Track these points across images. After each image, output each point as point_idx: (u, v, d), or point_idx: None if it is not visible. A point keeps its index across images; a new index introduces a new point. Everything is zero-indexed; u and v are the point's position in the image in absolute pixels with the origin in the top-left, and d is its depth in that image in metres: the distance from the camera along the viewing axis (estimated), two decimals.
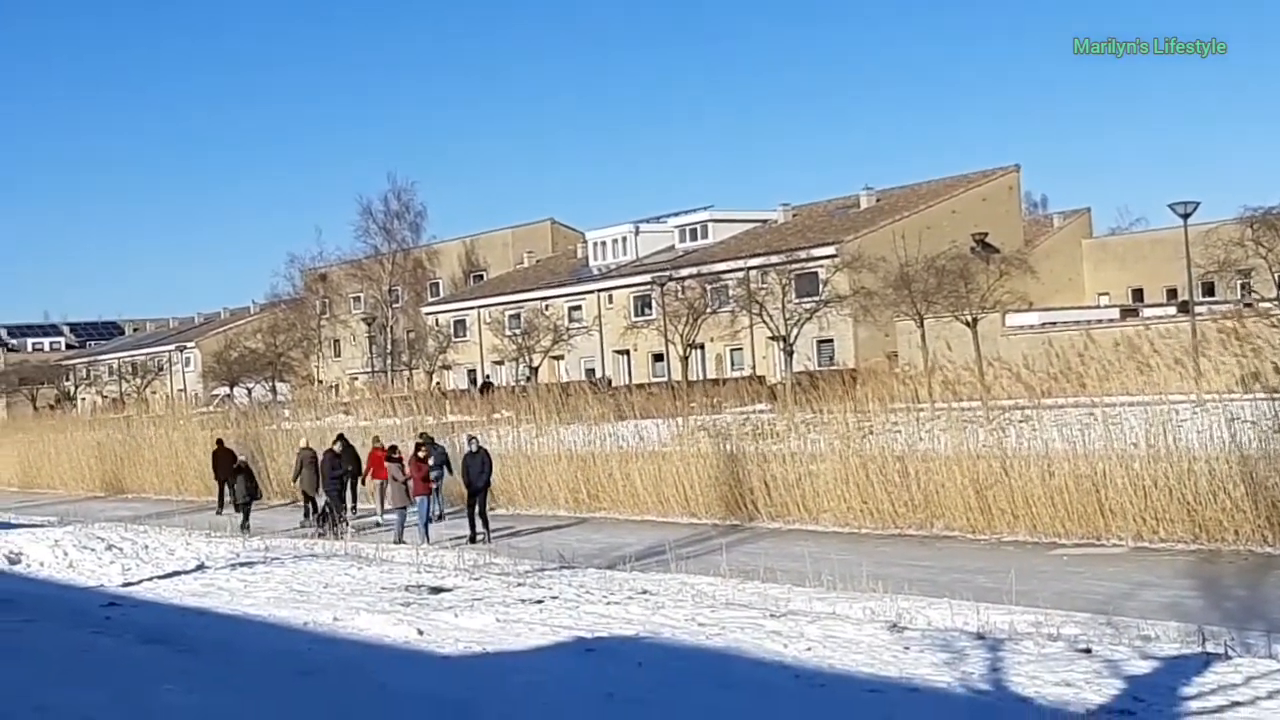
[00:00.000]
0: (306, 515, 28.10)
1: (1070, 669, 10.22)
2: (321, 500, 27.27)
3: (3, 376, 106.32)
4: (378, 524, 27.69)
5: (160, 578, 17.89)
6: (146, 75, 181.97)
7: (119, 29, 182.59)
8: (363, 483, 30.11)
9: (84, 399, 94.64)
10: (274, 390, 71.33)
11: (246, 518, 28.17)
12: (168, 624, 13.86)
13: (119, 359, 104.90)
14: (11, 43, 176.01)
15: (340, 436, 30.10)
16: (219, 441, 35.07)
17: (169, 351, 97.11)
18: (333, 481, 27.39)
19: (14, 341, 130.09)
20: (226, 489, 31.57)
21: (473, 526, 24.73)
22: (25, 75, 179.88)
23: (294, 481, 29.89)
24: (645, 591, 15.34)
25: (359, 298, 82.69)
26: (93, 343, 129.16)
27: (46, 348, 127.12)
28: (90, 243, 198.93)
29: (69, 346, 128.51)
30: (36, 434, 49.54)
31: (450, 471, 27.74)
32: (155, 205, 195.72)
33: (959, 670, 10.19)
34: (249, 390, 72.80)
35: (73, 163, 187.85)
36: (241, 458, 29.87)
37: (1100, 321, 47.98)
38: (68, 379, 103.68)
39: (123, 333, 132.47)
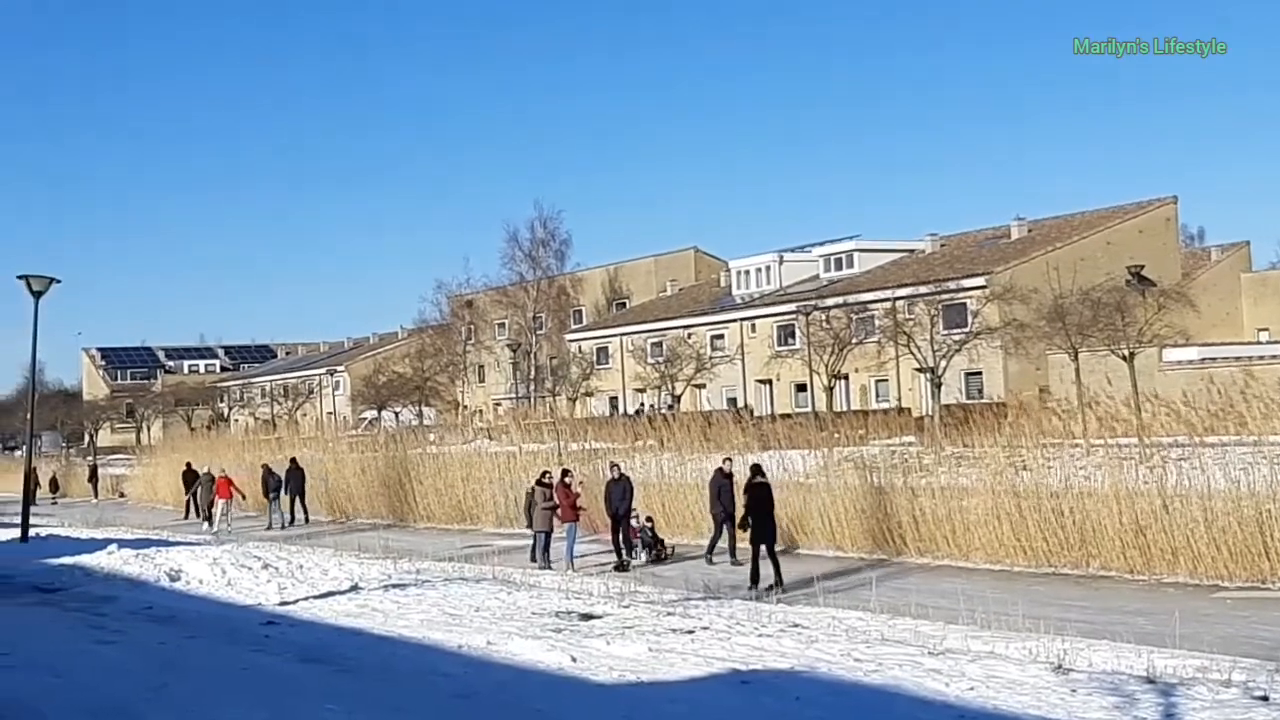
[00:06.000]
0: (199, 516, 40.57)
1: (1248, 717, 9.82)
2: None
3: (160, 398, 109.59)
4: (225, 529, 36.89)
5: (316, 597, 18.11)
6: (304, 106, 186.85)
7: (279, 60, 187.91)
8: (211, 505, 39.09)
9: (237, 420, 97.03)
10: (421, 414, 72.36)
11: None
12: (325, 644, 14.00)
13: (271, 382, 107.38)
14: (174, 72, 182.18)
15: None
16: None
17: (319, 375, 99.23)
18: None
19: (171, 364, 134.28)
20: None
21: (619, 553, 24.88)
22: (184, 110, 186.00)
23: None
24: (796, 625, 15.15)
25: (504, 324, 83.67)
26: (246, 365, 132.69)
27: (202, 370, 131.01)
28: (245, 268, 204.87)
29: (223, 369, 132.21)
30: (191, 454, 50.80)
31: (288, 492, 38.77)
32: (308, 232, 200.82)
33: (1130, 715, 9.85)
34: (396, 414, 73.96)
35: (230, 191, 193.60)
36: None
37: (1263, 358, 46.49)
38: (222, 400, 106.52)
39: (275, 356, 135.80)
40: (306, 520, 38.80)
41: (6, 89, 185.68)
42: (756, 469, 22.34)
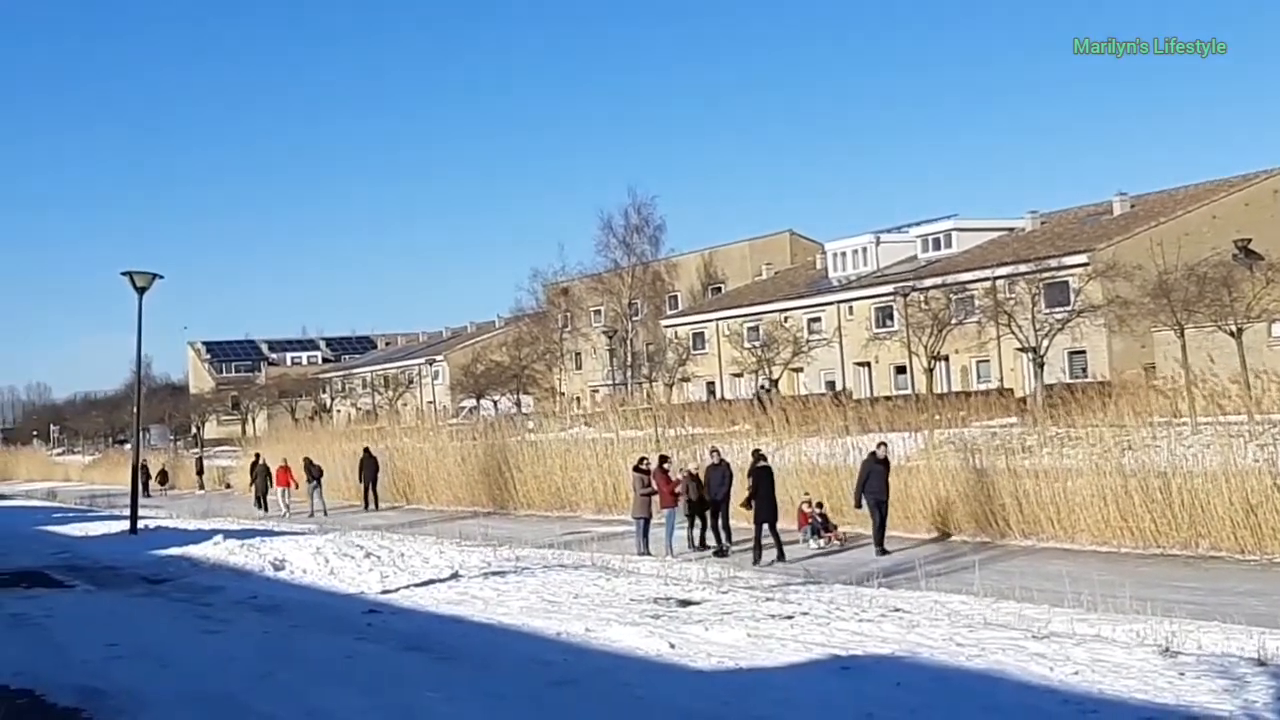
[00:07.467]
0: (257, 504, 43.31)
1: None
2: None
3: (264, 390, 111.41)
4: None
5: (417, 585, 18.25)
6: (398, 96, 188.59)
7: (366, 48, 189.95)
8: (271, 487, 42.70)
9: (340, 411, 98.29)
10: (519, 403, 72.77)
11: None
12: (426, 632, 14.11)
13: (371, 372, 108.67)
14: (267, 63, 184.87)
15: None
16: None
17: (419, 365, 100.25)
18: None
19: (274, 356, 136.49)
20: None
21: (718, 539, 24.81)
22: (279, 103, 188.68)
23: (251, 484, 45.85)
24: (898, 609, 14.99)
25: (599, 311, 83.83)
26: (347, 356, 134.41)
27: (304, 361, 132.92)
28: (343, 260, 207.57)
29: (325, 360, 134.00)
30: (294, 444, 51.60)
31: (362, 480, 41.20)
32: (404, 223, 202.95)
33: (1241, 698, 9.60)
34: (495, 402, 74.47)
35: (325, 183, 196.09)
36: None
37: None
38: (324, 391, 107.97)
39: (374, 347, 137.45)
40: (377, 506, 40.71)
41: (106, 82, 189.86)
42: (758, 454, 24.42)
